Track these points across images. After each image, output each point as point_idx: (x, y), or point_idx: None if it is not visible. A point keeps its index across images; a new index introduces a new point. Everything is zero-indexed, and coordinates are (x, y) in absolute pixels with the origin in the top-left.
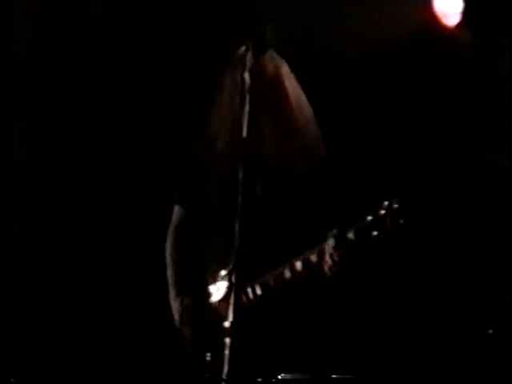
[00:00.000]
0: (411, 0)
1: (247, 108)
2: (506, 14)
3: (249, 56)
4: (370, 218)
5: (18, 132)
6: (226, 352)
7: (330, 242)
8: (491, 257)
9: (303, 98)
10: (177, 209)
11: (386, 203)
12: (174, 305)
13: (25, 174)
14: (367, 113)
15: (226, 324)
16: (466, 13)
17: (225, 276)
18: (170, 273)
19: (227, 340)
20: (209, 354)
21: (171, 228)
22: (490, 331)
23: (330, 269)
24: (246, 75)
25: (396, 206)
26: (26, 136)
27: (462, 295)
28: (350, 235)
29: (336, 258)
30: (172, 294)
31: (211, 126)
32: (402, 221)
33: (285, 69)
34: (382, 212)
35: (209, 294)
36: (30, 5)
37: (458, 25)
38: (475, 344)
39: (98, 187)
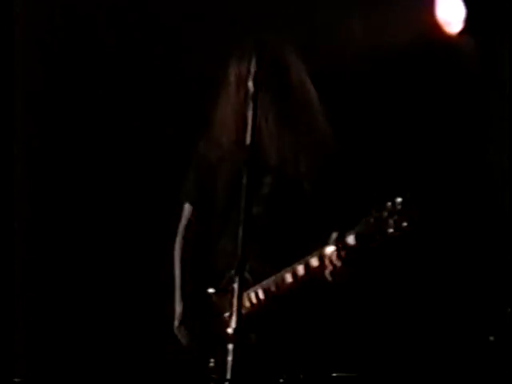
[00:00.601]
0: (414, 8)
1: (251, 115)
2: (508, 22)
3: (253, 62)
4: (371, 220)
5: (19, 132)
6: (230, 358)
7: (331, 246)
8: (493, 263)
9: (310, 88)
10: (186, 207)
11: (389, 204)
12: (177, 309)
13: (26, 175)
14: (372, 116)
15: (229, 330)
16: (468, 21)
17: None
18: (177, 274)
19: (230, 346)
20: (212, 360)
21: (180, 227)
22: (491, 338)
23: (330, 273)
24: (250, 83)
25: (399, 207)
26: (27, 136)
27: (463, 301)
28: (351, 239)
29: (336, 263)
30: (177, 297)
31: (216, 123)
32: (405, 223)
33: (292, 58)
34: (385, 214)
35: (212, 297)
36: (29, 4)
37: (461, 32)
38: (476, 350)
39: (103, 187)
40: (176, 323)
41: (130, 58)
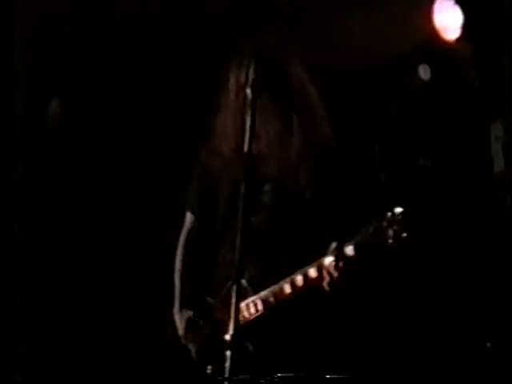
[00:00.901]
0: (412, 14)
1: (249, 123)
2: (506, 28)
3: (251, 69)
4: (371, 230)
5: (18, 132)
6: (227, 365)
7: (329, 258)
8: (490, 271)
9: (314, 96)
10: (188, 215)
11: (389, 214)
12: (178, 319)
13: (26, 175)
14: (371, 123)
15: (227, 337)
16: (465, 27)
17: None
18: (176, 283)
19: (228, 353)
20: (210, 367)
21: (182, 236)
22: (488, 344)
23: (328, 285)
24: (248, 91)
25: (399, 217)
26: (27, 137)
27: (460, 308)
28: (349, 250)
29: (334, 275)
30: (176, 306)
31: (217, 130)
32: (404, 234)
33: (294, 65)
34: (384, 224)
35: (212, 307)
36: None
37: (458, 39)
38: (473, 357)
39: (104, 191)
40: (181, 332)
41: (130, 59)
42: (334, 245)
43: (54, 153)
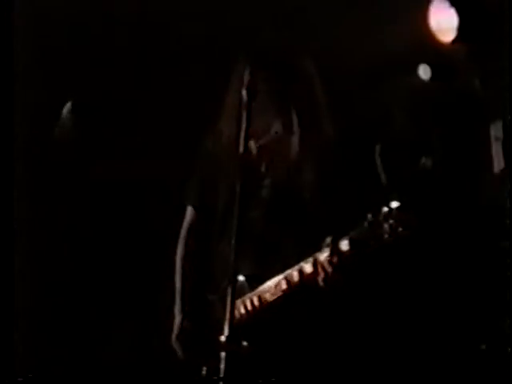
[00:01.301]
0: (407, 16)
1: (244, 125)
2: (501, 29)
3: (246, 72)
4: (366, 225)
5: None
6: (222, 366)
7: (324, 253)
8: (485, 272)
9: (319, 95)
10: (189, 210)
11: (385, 209)
12: (176, 319)
13: (26, 175)
14: (368, 122)
15: (222, 338)
16: (460, 29)
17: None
18: (177, 282)
19: (223, 354)
20: (205, 368)
21: (182, 232)
22: (483, 346)
23: (323, 280)
24: (244, 92)
25: (395, 212)
26: (27, 136)
27: (455, 309)
28: (344, 245)
29: (328, 270)
30: (177, 306)
31: (219, 122)
32: (400, 229)
33: (302, 63)
34: (380, 219)
35: (212, 305)
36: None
37: (454, 40)
38: (468, 359)
39: (105, 188)
40: (174, 334)
41: (130, 59)
42: (328, 239)
43: (53, 151)
